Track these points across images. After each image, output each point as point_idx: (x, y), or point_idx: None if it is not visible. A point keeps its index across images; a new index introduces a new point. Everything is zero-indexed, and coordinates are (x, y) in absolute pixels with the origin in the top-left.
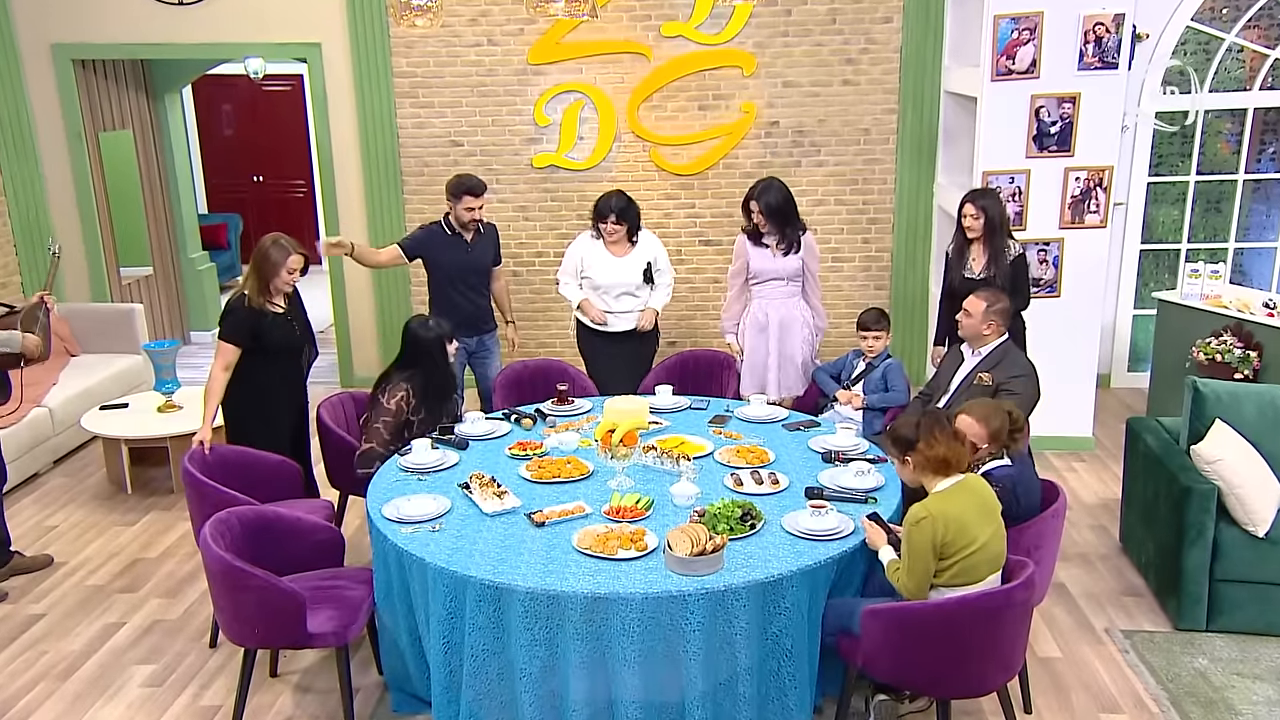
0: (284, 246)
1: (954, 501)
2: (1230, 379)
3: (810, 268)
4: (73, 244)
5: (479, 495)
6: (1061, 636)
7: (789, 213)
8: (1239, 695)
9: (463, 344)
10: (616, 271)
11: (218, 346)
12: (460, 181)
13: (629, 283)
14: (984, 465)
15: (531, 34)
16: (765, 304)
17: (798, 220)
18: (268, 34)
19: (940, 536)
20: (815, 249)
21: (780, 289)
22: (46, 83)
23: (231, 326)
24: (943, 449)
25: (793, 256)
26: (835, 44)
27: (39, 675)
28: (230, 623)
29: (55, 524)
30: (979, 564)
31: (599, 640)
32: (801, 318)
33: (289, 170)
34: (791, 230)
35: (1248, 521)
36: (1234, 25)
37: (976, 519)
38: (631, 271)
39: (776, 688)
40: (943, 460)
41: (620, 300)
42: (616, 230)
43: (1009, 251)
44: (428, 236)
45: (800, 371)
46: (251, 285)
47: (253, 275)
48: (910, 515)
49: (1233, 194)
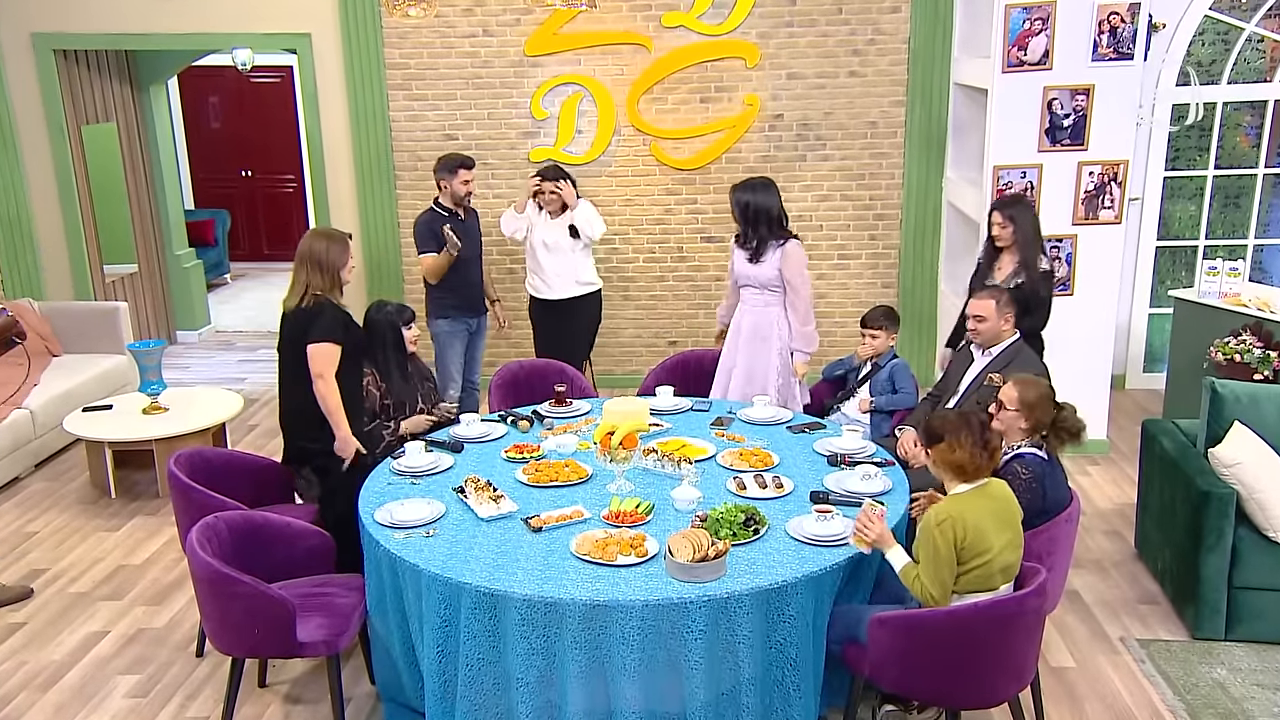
0: (338, 237)
1: (973, 506)
2: (1249, 380)
3: (790, 280)
4: (55, 240)
5: (474, 499)
6: (1075, 645)
7: (758, 217)
8: (1259, 706)
9: (466, 325)
10: (551, 230)
11: (314, 353)
12: (452, 156)
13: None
14: (1019, 447)
15: (528, 25)
16: (744, 309)
17: (772, 227)
18: (256, 24)
19: (960, 539)
20: (796, 260)
21: (754, 296)
22: (27, 74)
23: (329, 326)
24: (963, 455)
25: (765, 265)
26: (841, 35)
27: (20, 685)
28: (217, 631)
29: (36, 530)
30: (994, 573)
31: (598, 649)
32: (776, 333)
33: (278, 164)
34: (758, 233)
35: (1268, 527)
36: (1254, 15)
37: (994, 526)
38: (561, 231)
39: (780, 698)
40: (959, 466)
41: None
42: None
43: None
44: (431, 221)
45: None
46: (321, 284)
47: (318, 274)
48: (930, 517)
49: (1252, 189)
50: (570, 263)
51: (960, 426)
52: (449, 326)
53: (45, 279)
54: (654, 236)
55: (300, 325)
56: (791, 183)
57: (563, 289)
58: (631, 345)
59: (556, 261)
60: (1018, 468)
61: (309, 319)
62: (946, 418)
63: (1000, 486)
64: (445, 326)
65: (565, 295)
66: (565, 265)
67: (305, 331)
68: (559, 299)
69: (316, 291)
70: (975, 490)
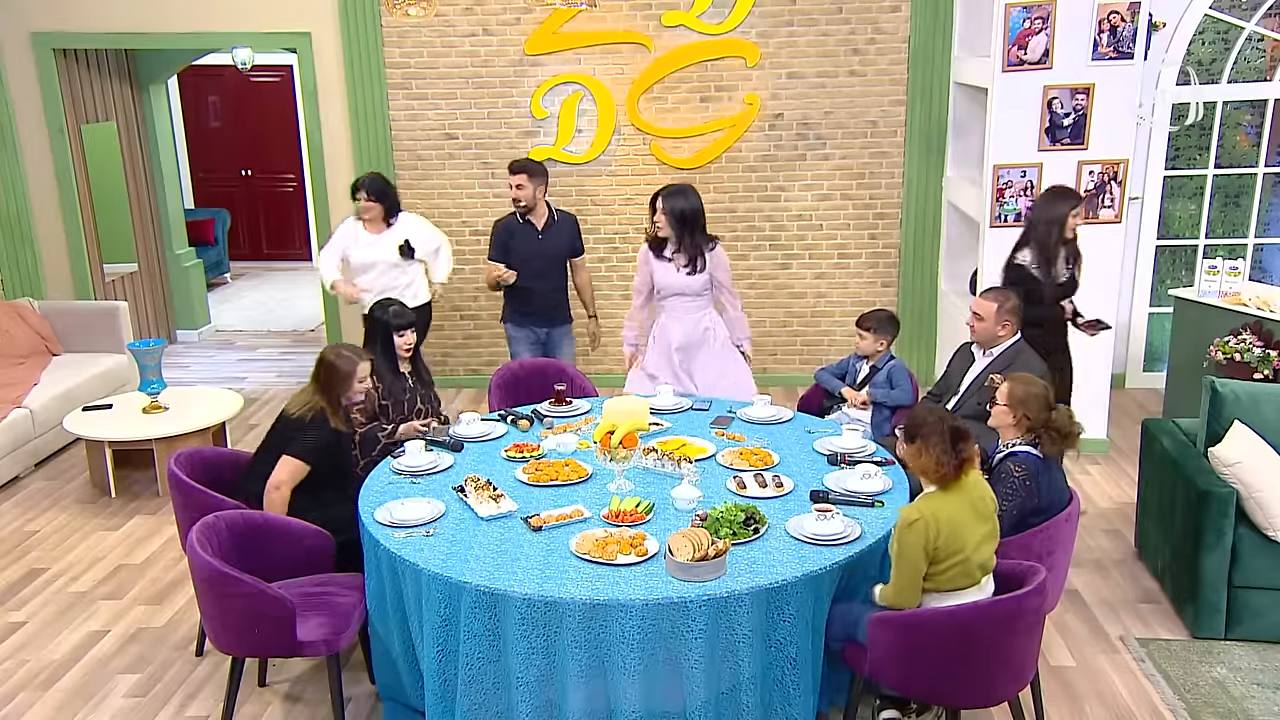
0: (348, 355)
1: (948, 502)
2: (1249, 379)
3: (719, 279)
4: (55, 240)
5: (474, 499)
6: (1075, 645)
7: (695, 223)
8: (1259, 706)
9: (532, 332)
10: (372, 250)
11: (283, 463)
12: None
13: (384, 259)
14: (1013, 446)
15: (528, 24)
16: (670, 321)
17: (704, 234)
18: (256, 23)
19: (933, 539)
20: (724, 260)
21: (685, 304)
22: (27, 73)
23: (310, 446)
24: (929, 461)
25: (700, 275)
26: (841, 34)
27: (20, 685)
28: (218, 631)
29: (36, 529)
30: (973, 568)
31: (598, 648)
32: (717, 333)
33: (278, 164)
34: (694, 241)
35: (1267, 526)
36: (1254, 14)
37: (970, 520)
38: (387, 248)
39: (780, 697)
40: (925, 470)
41: (382, 277)
42: (371, 207)
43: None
44: (506, 227)
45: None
46: (322, 402)
47: (321, 393)
48: (902, 518)
49: (1252, 188)
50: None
51: (933, 431)
52: (514, 331)
53: (45, 279)
54: None
55: (288, 434)
56: (791, 182)
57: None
58: None
59: (376, 279)
60: (1011, 466)
61: (299, 431)
62: (925, 418)
63: (975, 477)
64: (510, 330)
65: None
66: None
67: (288, 440)
68: None
69: (317, 409)
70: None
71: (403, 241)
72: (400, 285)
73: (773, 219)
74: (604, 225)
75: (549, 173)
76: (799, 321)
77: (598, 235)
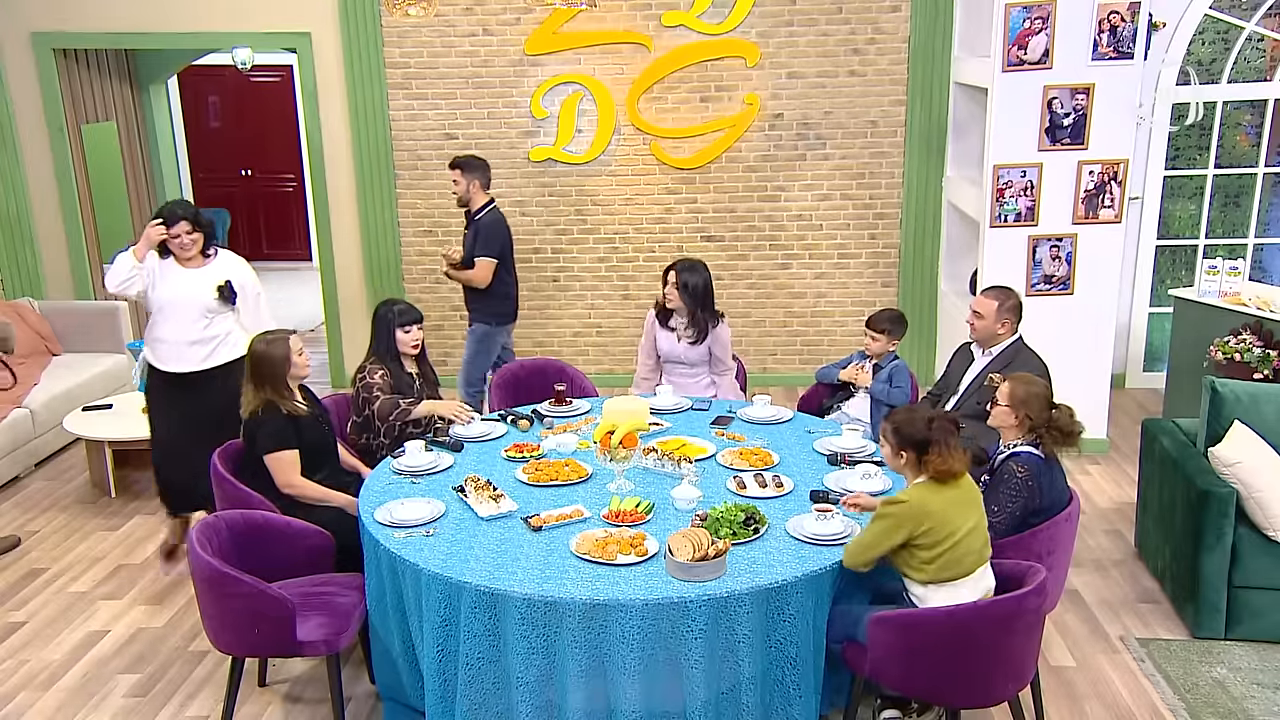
0: (275, 339)
1: (937, 493)
2: (1249, 379)
3: (716, 354)
4: (55, 240)
5: (474, 499)
6: (1075, 645)
7: (706, 299)
8: (1259, 706)
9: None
10: (180, 287)
11: (273, 465)
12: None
13: (196, 302)
14: (1015, 446)
15: (528, 24)
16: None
17: (712, 310)
18: (256, 23)
19: (916, 528)
20: (726, 338)
21: (684, 372)
22: (27, 73)
23: (273, 434)
24: (957, 464)
25: (700, 346)
26: (841, 34)
27: (20, 685)
28: (217, 630)
29: (36, 528)
30: (963, 556)
31: (598, 648)
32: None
33: (278, 164)
34: (703, 316)
35: (1267, 526)
36: (1254, 14)
37: (958, 510)
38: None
39: (780, 697)
40: (952, 474)
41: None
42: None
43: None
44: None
45: None
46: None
47: (265, 385)
48: (892, 498)
49: (1252, 188)
50: (200, 331)
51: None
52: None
53: (45, 279)
54: (654, 236)
55: (250, 437)
56: (791, 182)
57: (192, 359)
58: (632, 344)
59: (184, 325)
60: (1013, 466)
61: (255, 429)
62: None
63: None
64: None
65: (193, 368)
66: (197, 330)
67: (254, 443)
68: (185, 372)
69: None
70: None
71: (223, 282)
72: (205, 338)
73: (773, 219)
74: (604, 225)
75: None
76: (799, 321)
77: (597, 235)
